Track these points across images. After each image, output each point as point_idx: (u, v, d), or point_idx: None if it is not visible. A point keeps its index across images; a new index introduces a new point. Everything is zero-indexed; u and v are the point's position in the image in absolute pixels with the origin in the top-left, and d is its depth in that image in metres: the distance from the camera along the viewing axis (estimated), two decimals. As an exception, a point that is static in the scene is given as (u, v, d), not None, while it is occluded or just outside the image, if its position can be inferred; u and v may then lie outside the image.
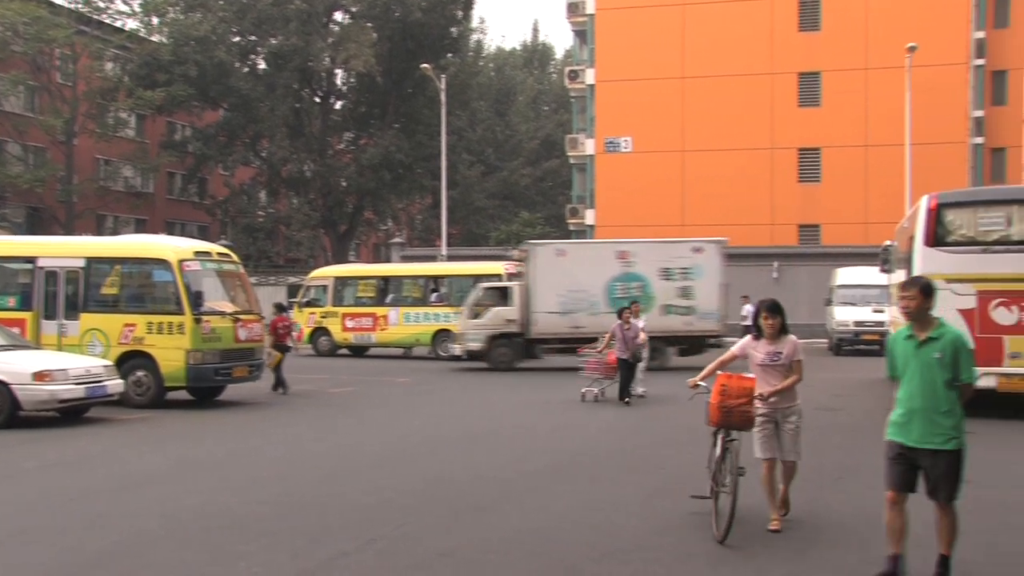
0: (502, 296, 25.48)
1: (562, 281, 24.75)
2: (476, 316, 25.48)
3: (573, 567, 6.96)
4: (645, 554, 7.27)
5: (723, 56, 44.30)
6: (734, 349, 8.21)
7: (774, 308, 8.01)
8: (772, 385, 7.84)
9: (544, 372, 24.83)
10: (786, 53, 44.05)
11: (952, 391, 6.39)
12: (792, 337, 7.94)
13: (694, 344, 25.47)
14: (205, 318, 16.64)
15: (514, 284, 25.68)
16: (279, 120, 49.06)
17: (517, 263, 26.70)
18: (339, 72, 52.67)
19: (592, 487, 9.85)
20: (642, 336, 17.56)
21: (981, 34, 44.51)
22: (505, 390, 20.34)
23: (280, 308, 20.56)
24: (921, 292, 6.43)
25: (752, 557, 7.19)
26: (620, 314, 17.41)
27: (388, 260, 42.25)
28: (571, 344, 24.39)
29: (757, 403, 7.82)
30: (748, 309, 29.79)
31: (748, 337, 8.14)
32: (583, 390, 17.72)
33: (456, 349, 25.63)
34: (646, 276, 24.80)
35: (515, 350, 25.32)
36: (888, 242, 22.52)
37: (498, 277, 28.09)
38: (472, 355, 25.44)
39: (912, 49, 34.06)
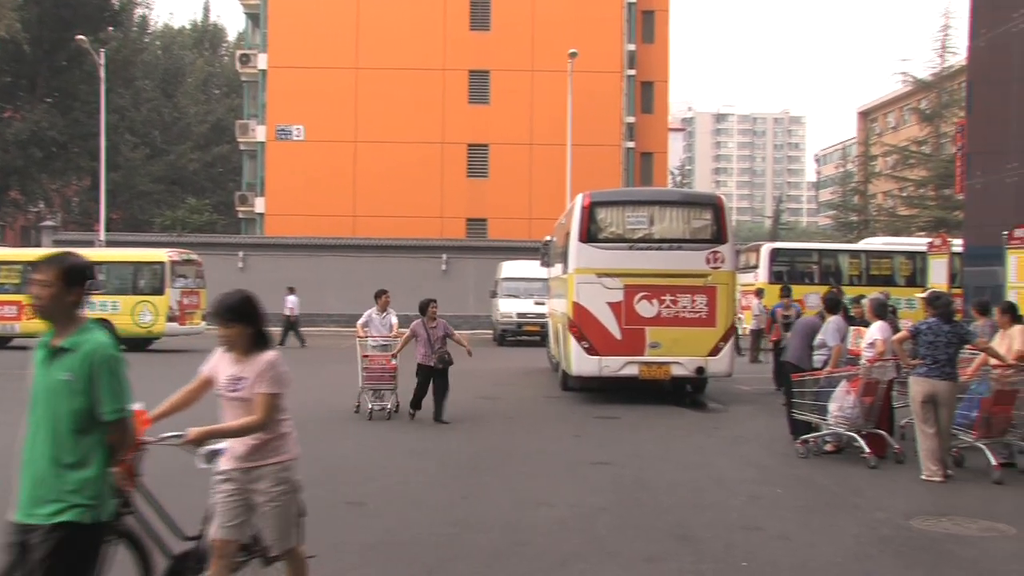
0: None
1: None
2: None
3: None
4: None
5: (397, 49, 44.81)
6: (203, 370, 5.25)
7: (231, 310, 5.05)
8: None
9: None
10: (458, 50, 45.25)
11: (92, 433, 4.11)
12: (269, 355, 5.03)
13: None
14: None
15: None
16: (-101, 84, 43.94)
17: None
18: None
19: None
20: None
21: (632, 47, 47.99)
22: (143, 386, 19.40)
23: None
24: (61, 276, 4.19)
25: (405, 546, 7.31)
26: (424, 309, 13.90)
27: (38, 245, 39.12)
28: None
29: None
30: (292, 301, 29.58)
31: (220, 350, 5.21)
32: (371, 405, 14.05)
33: None
34: None
35: None
36: (548, 237, 23.66)
37: (160, 264, 26.85)
38: None
39: (573, 55, 36.02)
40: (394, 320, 15.05)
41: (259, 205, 46.71)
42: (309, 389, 15.60)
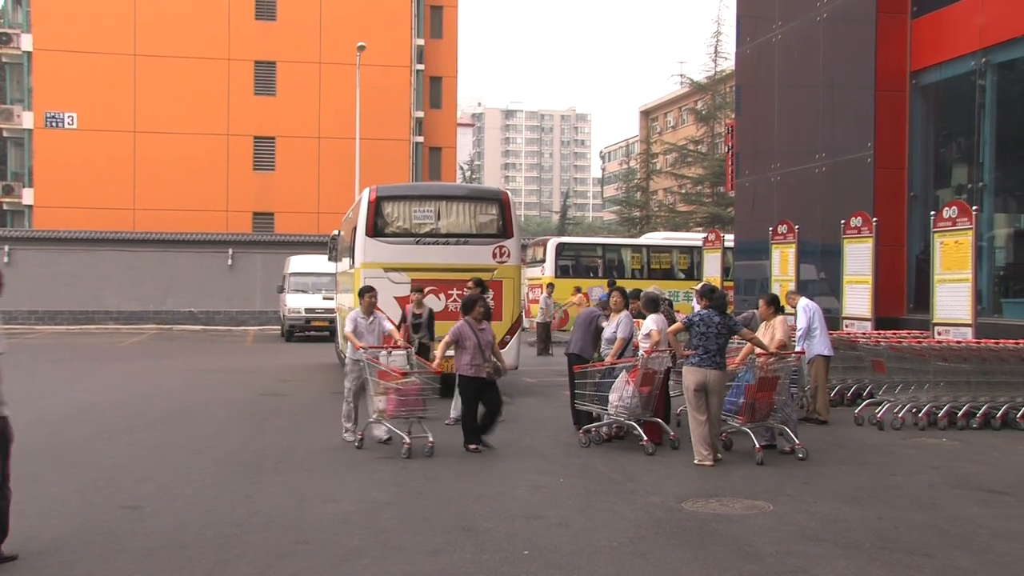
0: None
1: None
2: None
3: (-17, 578, 6.38)
4: (66, 555, 6.85)
5: (178, 37, 43.17)
6: None
7: None
8: None
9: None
10: (243, 40, 44.04)
11: None
12: None
13: None
14: None
15: None
16: None
17: None
18: None
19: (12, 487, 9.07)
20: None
21: (421, 41, 48.09)
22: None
23: None
24: None
25: (182, 549, 7.11)
26: (470, 307, 11.56)
27: None
28: None
29: None
30: None
31: None
32: (406, 439, 10.79)
33: None
34: None
35: None
36: (336, 231, 23.45)
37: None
38: None
39: (361, 48, 35.82)
40: (388, 326, 12.19)
41: (27, 196, 43.92)
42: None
